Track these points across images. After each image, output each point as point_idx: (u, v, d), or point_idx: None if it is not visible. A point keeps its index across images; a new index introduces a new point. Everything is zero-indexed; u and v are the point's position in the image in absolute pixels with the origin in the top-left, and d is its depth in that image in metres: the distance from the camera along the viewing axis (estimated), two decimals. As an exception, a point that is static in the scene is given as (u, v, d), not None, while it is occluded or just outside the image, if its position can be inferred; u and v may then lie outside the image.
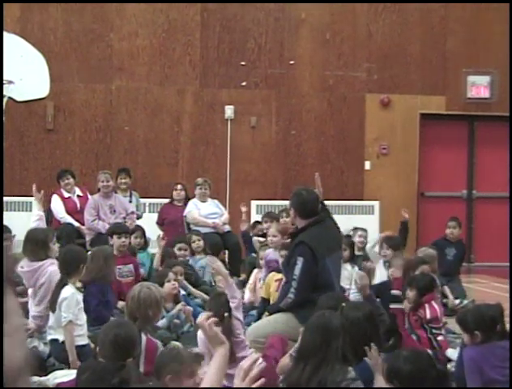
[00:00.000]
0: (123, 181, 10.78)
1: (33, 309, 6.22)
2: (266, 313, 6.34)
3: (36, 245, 6.32)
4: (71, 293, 5.64)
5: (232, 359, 4.84)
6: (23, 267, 6.27)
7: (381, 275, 7.98)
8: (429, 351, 5.68)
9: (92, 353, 5.11)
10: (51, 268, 6.14)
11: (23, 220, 10.04)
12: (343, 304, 4.72)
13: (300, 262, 5.89)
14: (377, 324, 4.75)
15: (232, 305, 5.34)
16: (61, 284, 5.75)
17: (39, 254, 6.28)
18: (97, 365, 4.07)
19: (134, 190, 11.08)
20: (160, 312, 5.27)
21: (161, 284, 6.59)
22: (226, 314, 5.12)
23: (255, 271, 8.29)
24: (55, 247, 6.40)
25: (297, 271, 5.90)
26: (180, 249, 8.72)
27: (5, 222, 9.13)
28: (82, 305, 5.74)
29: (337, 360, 3.79)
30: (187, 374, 3.82)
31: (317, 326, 3.93)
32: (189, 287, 7.94)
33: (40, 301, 6.19)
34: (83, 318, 5.76)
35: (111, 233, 8.21)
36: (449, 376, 4.63)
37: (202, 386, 3.29)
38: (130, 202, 10.72)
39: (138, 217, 10.57)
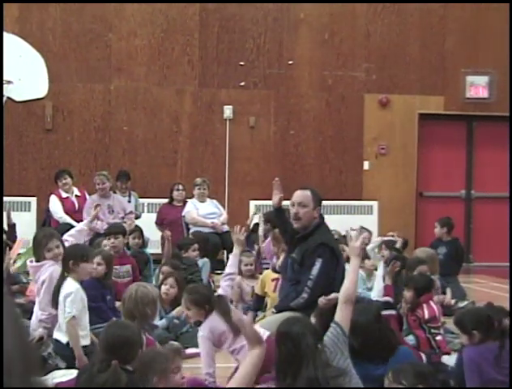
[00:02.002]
0: (124, 186, 10.85)
1: (39, 313, 6.19)
2: (273, 309, 6.29)
3: (33, 244, 6.41)
4: (76, 288, 5.59)
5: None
6: (33, 261, 6.34)
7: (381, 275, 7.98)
8: (422, 354, 5.71)
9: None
10: (53, 267, 6.15)
11: (21, 220, 10.06)
12: None
13: (318, 263, 5.86)
14: (385, 323, 4.78)
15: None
16: (62, 279, 5.75)
17: (36, 254, 6.34)
18: (92, 366, 4.07)
19: (133, 191, 11.10)
20: (156, 310, 5.27)
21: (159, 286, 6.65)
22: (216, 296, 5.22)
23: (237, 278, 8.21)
24: (57, 251, 6.31)
25: (315, 271, 5.86)
26: (194, 250, 8.74)
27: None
28: (86, 304, 5.72)
29: (315, 358, 3.79)
30: (173, 370, 3.82)
31: (280, 337, 3.91)
32: None
33: (43, 302, 6.15)
34: (86, 318, 5.74)
35: (105, 234, 8.27)
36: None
37: (234, 380, 3.31)
38: (129, 202, 10.74)
39: (137, 217, 10.59)
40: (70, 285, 5.63)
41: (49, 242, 6.29)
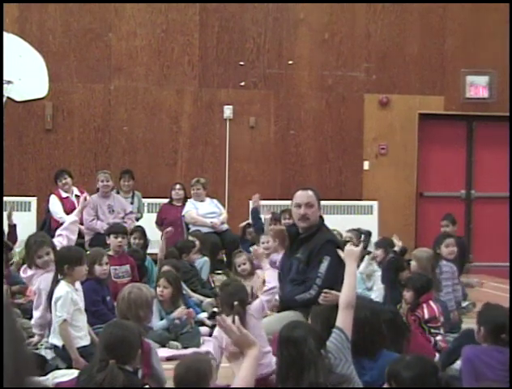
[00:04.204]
0: (126, 183, 10.87)
1: (34, 315, 6.21)
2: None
3: (25, 250, 6.39)
4: (66, 292, 5.59)
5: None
6: (27, 272, 6.28)
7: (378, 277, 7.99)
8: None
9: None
10: (41, 277, 6.13)
11: (21, 220, 10.05)
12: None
13: (326, 261, 5.85)
14: (380, 321, 4.75)
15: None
16: (55, 284, 5.74)
17: (27, 260, 6.31)
18: (92, 366, 4.07)
19: (136, 190, 11.11)
20: (151, 313, 5.22)
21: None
22: (235, 303, 5.12)
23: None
24: (47, 258, 6.24)
25: (323, 269, 5.84)
26: (195, 252, 8.73)
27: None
28: (80, 305, 5.71)
29: (318, 363, 3.75)
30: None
31: (282, 341, 3.86)
32: (186, 288, 7.93)
33: (36, 307, 6.17)
34: (82, 319, 5.74)
35: (108, 233, 8.22)
36: (451, 385, 4.63)
37: (235, 383, 3.27)
38: (132, 203, 10.75)
39: (138, 218, 10.58)
40: (61, 289, 5.64)
41: (39, 249, 6.23)
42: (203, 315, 7.43)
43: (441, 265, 7.38)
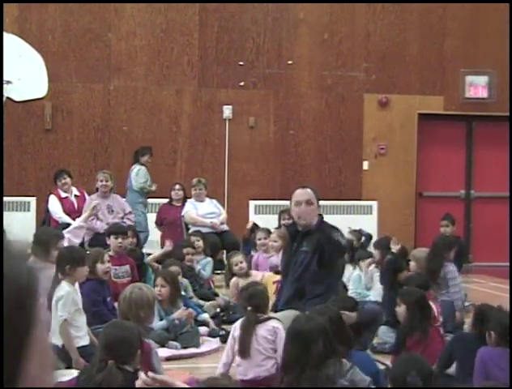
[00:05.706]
0: (150, 161, 11.27)
1: None
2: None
3: (38, 245, 6.36)
4: (67, 291, 5.60)
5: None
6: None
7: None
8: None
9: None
10: (48, 272, 6.13)
11: (20, 220, 10.05)
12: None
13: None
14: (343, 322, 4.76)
15: None
16: (56, 283, 5.73)
17: (39, 255, 6.30)
18: (92, 367, 4.07)
19: None
20: (152, 313, 5.22)
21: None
22: (249, 309, 5.28)
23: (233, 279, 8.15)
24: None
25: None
26: (187, 253, 8.65)
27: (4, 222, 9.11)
28: (80, 306, 5.71)
29: (322, 361, 3.73)
30: None
31: (292, 334, 3.85)
32: (188, 289, 7.93)
33: None
34: (82, 319, 5.73)
35: (108, 233, 8.21)
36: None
37: None
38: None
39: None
40: (62, 289, 5.64)
41: (59, 242, 6.31)
42: (205, 316, 7.42)
43: (446, 264, 7.40)
